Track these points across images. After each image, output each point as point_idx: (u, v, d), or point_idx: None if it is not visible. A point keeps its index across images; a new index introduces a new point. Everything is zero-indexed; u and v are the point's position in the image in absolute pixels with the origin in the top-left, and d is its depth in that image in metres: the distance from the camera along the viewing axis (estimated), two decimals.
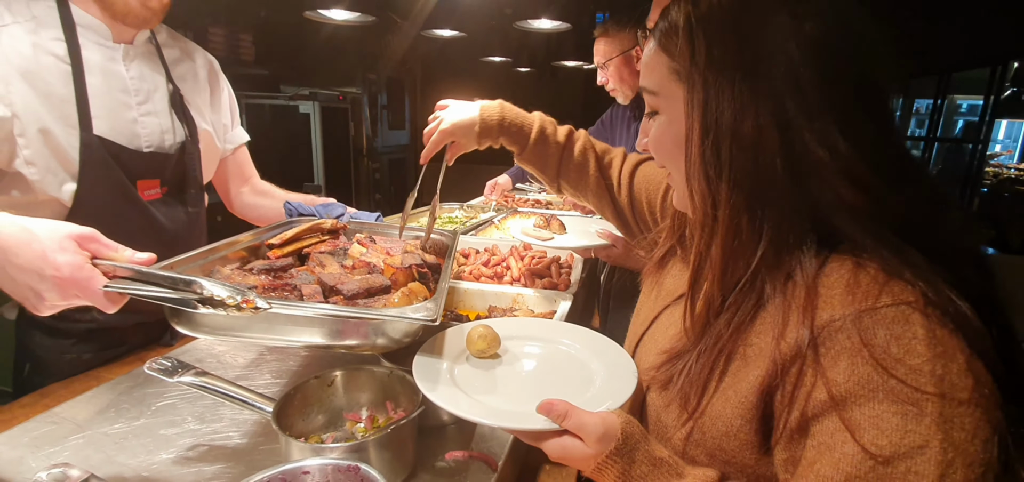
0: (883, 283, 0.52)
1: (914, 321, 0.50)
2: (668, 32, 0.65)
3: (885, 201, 0.55)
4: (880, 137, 0.57)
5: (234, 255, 1.00)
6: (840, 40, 0.57)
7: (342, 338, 0.75)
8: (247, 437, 0.89)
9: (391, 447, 0.74)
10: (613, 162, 1.13)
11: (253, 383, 1.06)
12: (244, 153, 1.55)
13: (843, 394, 0.51)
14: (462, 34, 3.09)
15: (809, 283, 0.56)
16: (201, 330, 0.77)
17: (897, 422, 0.48)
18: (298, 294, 0.83)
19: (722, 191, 0.60)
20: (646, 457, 0.61)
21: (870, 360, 0.50)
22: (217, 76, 1.43)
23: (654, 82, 0.68)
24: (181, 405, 0.97)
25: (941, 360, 0.48)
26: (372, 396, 0.89)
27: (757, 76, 0.57)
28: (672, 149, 0.68)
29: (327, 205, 1.35)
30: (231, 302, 0.62)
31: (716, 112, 0.59)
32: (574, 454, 0.63)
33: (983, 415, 0.48)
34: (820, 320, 0.54)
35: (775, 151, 0.57)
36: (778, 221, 0.58)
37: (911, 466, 0.47)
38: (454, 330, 0.90)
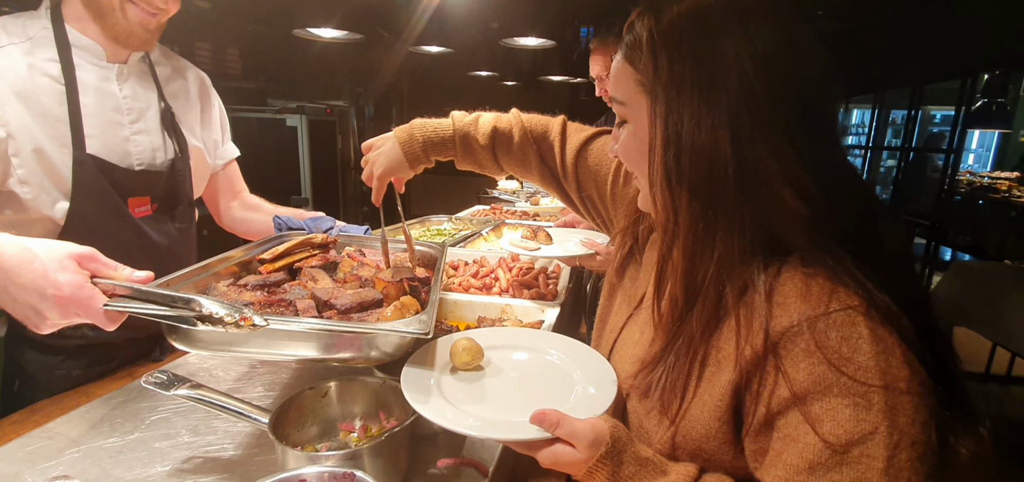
0: (831, 290, 0.57)
1: (859, 323, 0.55)
2: (633, 46, 0.69)
3: (826, 212, 0.59)
4: (824, 151, 0.62)
5: (226, 271, 1.02)
6: (788, 59, 0.61)
7: (336, 352, 0.78)
8: (241, 449, 0.90)
9: (384, 455, 0.76)
10: (553, 147, 1.09)
11: (246, 396, 1.08)
12: (234, 168, 1.57)
13: (803, 391, 0.57)
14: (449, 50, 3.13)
15: (766, 291, 0.61)
16: (198, 346, 0.79)
17: (850, 413, 0.54)
18: (293, 309, 0.85)
19: (682, 198, 0.64)
20: (633, 458, 0.65)
21: (824, 360, 0.55)
22: (208, 92, 1.45)
23: (622, 93, 0.73)
24: (174, 418, 0.99)
25: (883, 356, 0.54)
26: (365, 406, 0.91)
27: (713, 90, 0.61)
28: (638, 157, 0.72)
29: (316, 219, 1.38)
30: (230, 320, 0.64)
31: (676, 123, 0.63)
32: (566, 460, 0.66)
33: (920, 401, 0.54)
34: (779, 326, 0.59)
35: (728, 161, 0.60)
36: (730, 229, 0.62)
37: (863, 450, 0.53)
38: (440, 342, 0.92)
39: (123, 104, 1.21)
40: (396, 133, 1.12)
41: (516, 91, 5.75)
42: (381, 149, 1.13)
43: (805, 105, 0.61)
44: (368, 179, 1.16)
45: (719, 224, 0.63)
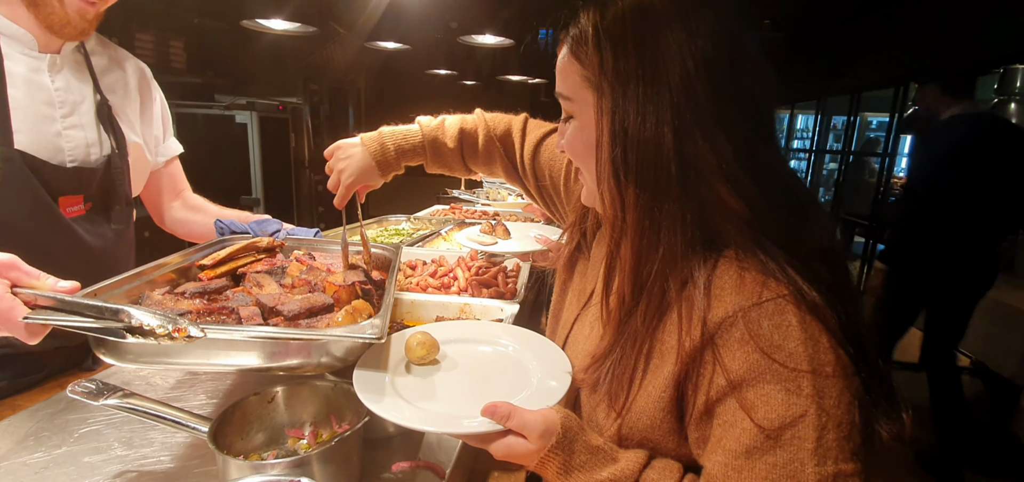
0: (762, 282, 0.60)
1: (788, 311, 0.58)
2: (578, 40, 0.69)
3: (760, 207, 0.61)
4: (761, 149, 0.64)
5: (162, 278, 0.96)
6: (728, 57, 0.63)
7: (283, 360, 0.74)
8: (180, 460, 0.85)
9: (335, 461, 0.73)
10: (514, 144, 1.13)
11: (186, 404, 1.02)
12: (176, 166, 1.49)
13: (738, 379, 0.59)
14: (406, 47, 3.08)
15: (704, 285, 0.63)
16: (129, 359, 0.73)
17: (781, 398, 0.57)
18: (236, 317, 0.81)
19: (629, 194, 0.65)
20: (584, 447, 0.66)
21: (757, 348, 0.58)
22: (149, 85, 1.37)
23: (568, 88, 0.72)
24: (106, 431, 0.92)
25: (811, 342, 0.57)
26: (315, 411, 0.88)
27: (656, 85, 0.62)
28: (584, 152, 0.73)
29: (262, 222, 1.32)
30: (161, 331, 0.60)
31: (622, 119, 0.64)
32: (518, 451, 0.66)
33: (845, 384, 0.57)
34: (716, 317, 0.61)
35: (671, 156, 0.62)
36: (673, 224, 0.64)
37: (795, 433, 0.56)
38: (395, 338, 0.91)
39: (55, 97, 1.12)
40: (364, 141, 1.14)
41: (475, 91, 5.73)
42: (350, 157, 1.14)
43: (744, 103, 0.63)
44: (334, 186, 1.15)
45: (664, 220, 0.64)
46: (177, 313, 0.77)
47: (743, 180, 0.61)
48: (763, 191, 0.62)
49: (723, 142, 0.61)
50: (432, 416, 0.73)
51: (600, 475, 0.65)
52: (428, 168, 1.17)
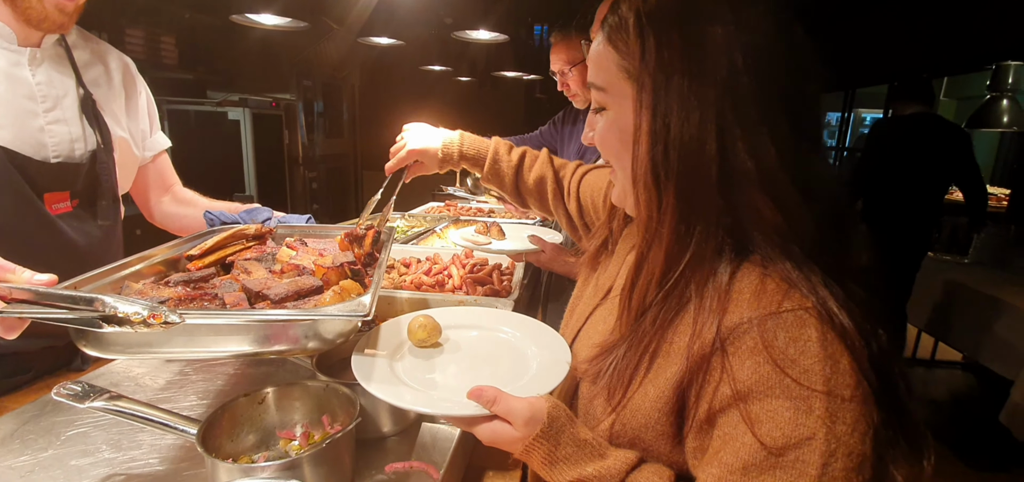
0: (785, 291, 0.56)
1: (809, 325, 0.54)
2: (617, 27, 0.65)
3: (797, 217, 0.57)
4: (805, 153, 0.59)
5: (149, 270, 0.94)
6: (778, 52, 0.58)
7: (271, 344, 0.72)
8: (169, 463, 0.84)
9: (326, 462, 0.72)
10: (564, 173, 1.22)
11: (176, 405, 1.00)
12: (165, 160, 1.47)
13: (745, 390, 0.55)
14: (400, 42, 3.05)
15: (723, 288, 0.59)
16: (112, 351, 0.72)
17: (789, 416, 0.52)
18: (220, 303, 0.79)
19: (668, 196, 0.61)
20: (571, 439, 0.65)
21: (769, 360, 0.54)
22: (133, 79, 1.35)
23: (602, 78, 0.68)
24: (94, 433, 0.91)
25: (830, 361, 0.53)
26: (307, 412, 0.86)
27: (702, 80, 0.58)
28: (618, 147, 0.69)
29: (251, 211, 1.30)
30: (136, 318, 0.58)
31: (664, 114, 0.60)
32: (503, 437, 0.66)
33: (862, 412, 0.53)
34: (729, 322, 0.57)
35: (712, 158, 0.58)
36: (705, 228, 0.60)
37: (799, 455, 0.52)
38: (399, 320, 0.93)
39: (37, 91, 1.10)
40: (444, 132, 1.26)
41: (471, 87, 5.70)
42: (422, 132, 1.25)
43: (791, 103, 0.59)
44: (395, 151, 1.27)
45: (698, 225, 0.60)
46: (157, 301, 0.75)
47: (783, 187, 0.57)
48: (803, 200, 0.58)
49: (766, 144, 0.57)
50: (421, 397, 0.73)
51: (586, 470, 0.63)
52: (483, 179, 1.26)
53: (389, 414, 0.90)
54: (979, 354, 2.99)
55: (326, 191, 5.83)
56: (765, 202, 0.57)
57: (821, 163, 0.62)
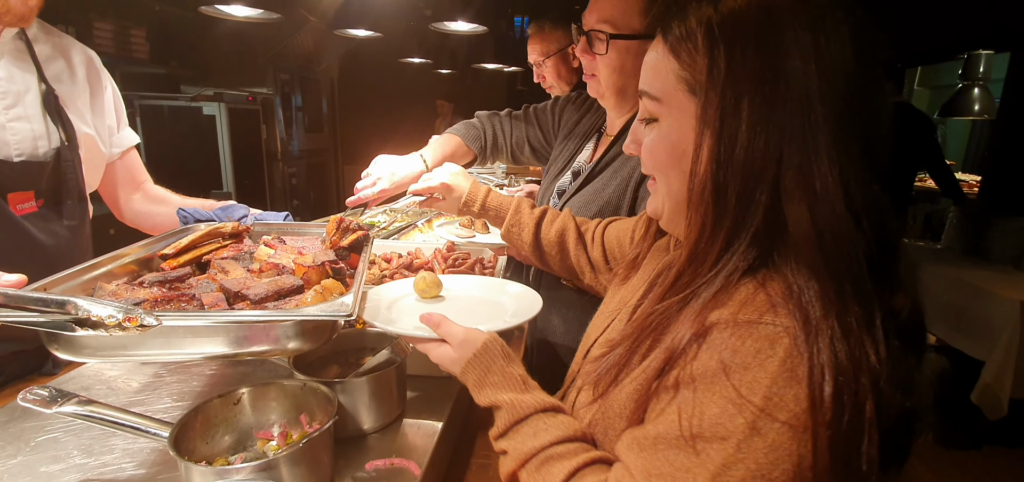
0: (772, 307, 0.53)
1: (780, 345, 0.51)
2: (682, 37, 0.61)
3: (843, 243, 0.53)
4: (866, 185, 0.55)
5: (122, 270, 0.91)
6: (855, 80, 0.55)
7: (251, 345, 0.71)
8: (143, 467, 0.82)
9: (304, 462, 0.71)
10: (587, 227, 1.21)
11: (150, 408, 0.98)
12: (134, 156, 1.43)
13: (690, 377, 0.55)
14: (378, 34, 3.01)
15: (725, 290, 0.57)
16: (85, 354, 0.70)
17: (715, 412, 0.52)
18: (198, 304, 0.77)
19: (725, 218, 0.58)
20: (500, 370, 0.73)
21: (721, 360, 0.53)
22: (98, 73, 1.30)
23: (657, 88, 0.64)
24: (65, 438, 0.88)
25: (782, 381, 0.50)
26: (284, 412, 0.85)
27: (775, 101, 0.55)
28: (667, 161, 0.65)
29: (227, 208, 1.27)
30: (111, 322, 0.56)
31: (731, 135, 0.56)
32: (445, 356, 0.77)
33: (788, 441, 0.49)
34: (713, 318, 0.56)
35: (768, 181, 0.55)
36: (746, 247, 0.57)
37: (706, 449, 0.51)
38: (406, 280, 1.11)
39: None
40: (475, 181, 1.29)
41: (452, 79, 5.66)
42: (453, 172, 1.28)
43: (862, 135, 0.55)
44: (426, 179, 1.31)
45: (740, 244, 0.58)
46: (132, 302, 0.73)
47: (837, 210, 0.53)
48: (855, 226, 0.54)
49: (826, 170, 0.53)
50: (396, 325, 0.89)
51: (503, 396, 0.71)
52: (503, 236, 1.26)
53: (369, 411, 0.89)
54: (952, 337, 3.07)
55: (306, 187, 5.74)
56: (807, 220, 0.54)
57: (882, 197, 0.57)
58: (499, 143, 1.77)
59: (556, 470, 0.62)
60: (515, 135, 1.77)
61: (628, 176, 1.30)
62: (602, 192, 1.34)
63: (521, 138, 1.76)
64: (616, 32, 1.21)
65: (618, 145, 1.37)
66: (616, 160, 1.36)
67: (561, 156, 1.60)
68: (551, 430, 0.66)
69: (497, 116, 1.80)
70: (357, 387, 0.87)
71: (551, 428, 0.66)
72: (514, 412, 0.69)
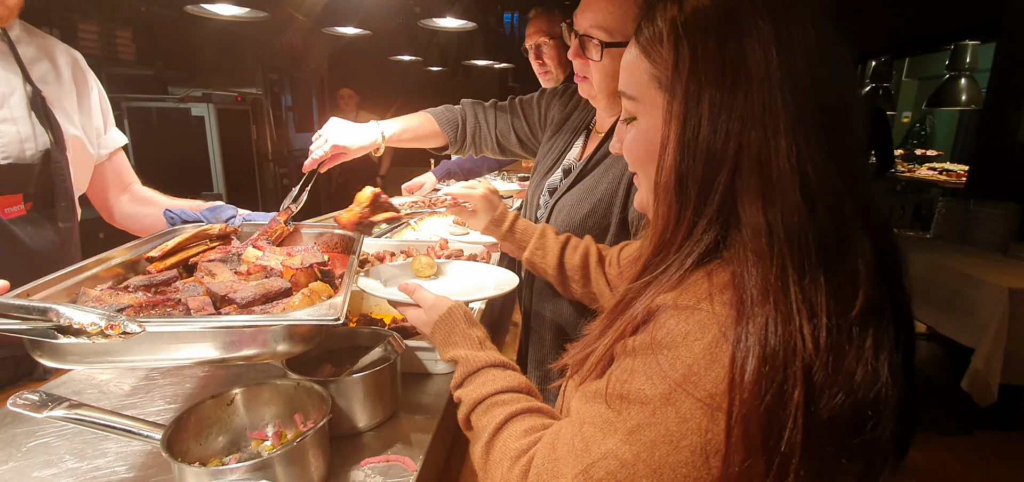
0: (713, 295, 0.55)
1: (709, 331, 0.53)
2: (652, 38, 0.63)
3: (792, 231, 0.54)
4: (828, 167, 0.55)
5: (107, 274, 0.90)
6: (817, 71, 0.56)
7: (239, 350, 0.71)
8: (137, 470, 0.81)
9: (299, 461, 0.71)
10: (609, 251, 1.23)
11: (143, 411, 0.97)
12: (121, 158, 1.41)
13: (632, 348, 0.58)
14: (367, 32, 2.99)
15: (679, 275, 0.59)
16: (70, 361, 0.69)
17: (640, 381, 0.55)
18: (184, 309, 0.77)
19: (689, 205, 0.59)
20: (462, 332, 0.84)
21: (654, 337, 0.56)
22: (84, 74, 1.29)
23: (633, 87, 0.67)
24: (57, 443, 0.87)
25: (703, 363, 0.52)
26: (278, 411, 0.84)
27: (735, 92, 0.56)
28: (645, 157, 0.67)
29: (215, 208, 1.26)
30: (93, 329, 0.55)
31: (694, 126, 0.58)
32: (418, 318, 0.90)
33: (703, 418, 0.52)
34: (657, 301, 0.58)
35: (727, 170, 0.56)
36: (704, 233, 0.59)
37: (627, 408, 0.55)
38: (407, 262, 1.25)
39: None
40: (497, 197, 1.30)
41: (442, 77, 5.64)
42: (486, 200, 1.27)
43: (826, 124, 0.56)
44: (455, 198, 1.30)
45: (701, 231, 0.59)
46: (116, 308, 0.72)
47: (788, 194, 0.54)
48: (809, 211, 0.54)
49: (786, 156, 0.54)
50: (383, 289, 1.03)
51: (459, 351, 0.81)
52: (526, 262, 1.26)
53: (364, 409, 0.89)
54: (942, 325, 3.11)
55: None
56: (758, 209, 0.55)
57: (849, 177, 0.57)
58: (481, 131, 1.75)
59: (498, 412, 0.71)
60: (499, 125, 1.74)
61: (620, 173, 1.30)
62: (595, 189, 1.34)
63: (507, 128, 1.74)
64: (611, 40, 1.21)
65: (609, 142, 1.37)
66: (607, 158, 1.36)
67: (550, 153, 1.60)
68: (498, 380, 0.76)
69: (481, 105, 1.78)
70: (351, 385, 0.86)
71: (499, 379, 0.76)
72: (468, 365, 0.79)
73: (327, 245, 1.21)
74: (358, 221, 1.21)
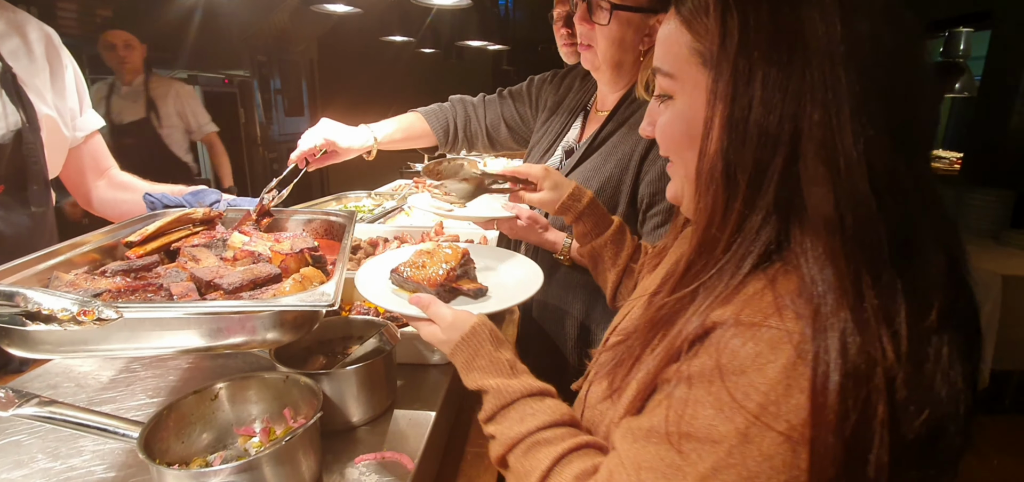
0: (778, 308, 0.49)
1: (782, 351, 0.48)
2: (696, 8, 0.57)
3: (863, 226, 0.49)
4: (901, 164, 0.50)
5: (82, 259, 0.85)
6: (884, 46, 0.51)
7: (226, 337, 0.67)
8: (114, 470, 0.76)
9: (288, 460, 0.66)
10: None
11: (122, 406, 0.92)
12: (98, 141, 1.34)
13: (686, 374, 0.52)
14: (358, 10, 2.91)
15: (733, 284, 0.53)
16: (43, 350, 0.65)
17: (709, 414, 0.49)
18: (166, 294, 0.72)
19: (738, 195, 0.53)
20: (488, 354, 0.73)
21: (718, 362, 0.50)
22: (57, 51, 1.22)
23: (671, 63, 0.61)
24: (29, 441, 0.82)
25: (781, 389, 0.47)
26: (266, 406, 0.80)
27: (792, 69, 0.50)
28: (682, 140, 0.62)
29: (198, 192, 1.20)
30: (65, 315, 0.50)
31: (745, 107, 0.52)
32: (434, 336, 0.78)
33: (785, 454, 0.46)
34: (713, 317, 0.52)
35: (782, 159, 0.51)
36: (754, 233, 0.53)
37: (696, 449, 0.49)
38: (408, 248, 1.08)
39: None
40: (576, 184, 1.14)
41: (435, 59, 5.53)
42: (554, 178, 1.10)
43: (895, 103, 0.50)
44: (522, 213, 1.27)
45: (752, 226, 0.54)
46: (92, 293, 0.67)
47: (861, 189, 0.49)
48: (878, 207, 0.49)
49: (850, 144, 0.49)
50: (386, 297, 0.88)
51: (489, 381, 0.70)
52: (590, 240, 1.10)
53: (358, 403, 0.85)
54: None
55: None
56: (830, 202, 0.49)
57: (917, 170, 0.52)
58: (472, 126, 1.71)
59: (543, 455, 0.62)
60: (490, 116, 1.71)
61: (629, 153, 1.26)
62: (602, 168, 1.30)
63: (496, 118, 1.70)
64: (620, 2, 1.15)
65: (613, 121, 1.32)
66: (614, 136, 1.31)
67: (546, 135, 1.55)
68: (538, 415, 0.65)
69: (470, 100, 1.74)
70: (344, 378, 0.82)
71: (538, 413, 0.66)
72: (501, 397, 0.69)
73: (317, 231, 1.16)
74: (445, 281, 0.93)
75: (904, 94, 0.52)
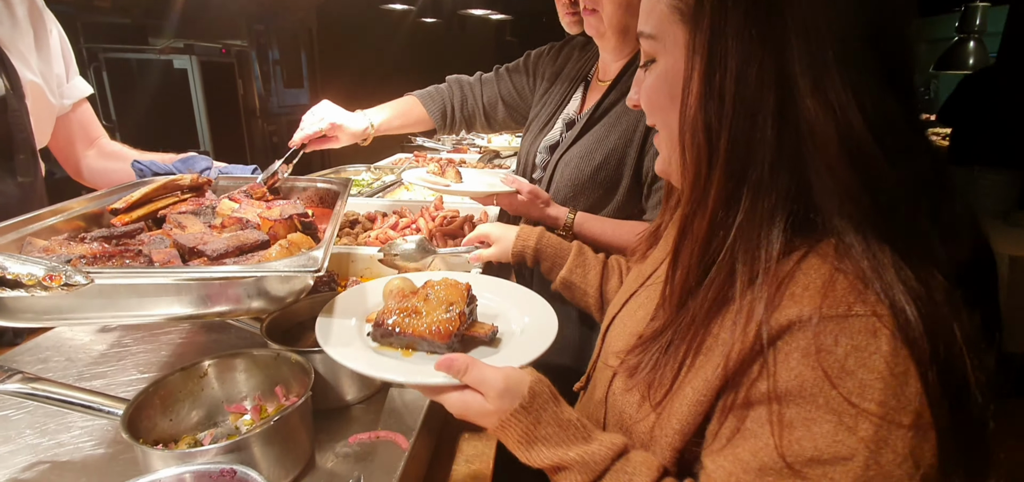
0: (859, 291, 0.47)
1: (881, 336, 0.45)
2: None
3: (880, 181, 0.48)
4: (894, 108, 0.49)
5: (65, 226, 0.82)
6: None
7: (209, 306, 0.64)
8: (103, 445, 0.75)
9: (278, 440, 0.64)
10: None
11: (112, 381, 0.90)
12: (87, 109, 1.31)
13: (783, 391, 0.48)
14: None
15: (781, 273, 0.50)
16: (26, 319, 0.64)
17: (829, 430, 0.46)
18: (146, 260, 0.69)
19: (720, 151, 0.51)
20: (553, 418, 0.59)
21: (820, 367, 0.46)
22: (41, 14, 1.17)
23: (652, 24, 0.59)
24: (16, 416, 0.81)
25: (895, 380, 0.45)
26: (256, 383, 0.78)
27: (770, 14, 0.49)
28: (666, 102, 0.59)
29: (187, 159, 1.17)
30: (30, 280, 0.48)
31: (722, 57, 0.51)
32: (474, 409, 0.61)
33: (918, 445, 0.45)
34: (783, 318, 0.49)
35: (770, 110, 0.49)
36: (756, 194, 0.51)
37: (828, 472, 0.45)
38: (372, 284, 0.87)
39: None
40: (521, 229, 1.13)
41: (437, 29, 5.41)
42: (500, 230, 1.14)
43: (879, 45, 0.49)
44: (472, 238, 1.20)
45: (748, 189, 0.51)
46: (65, 259, 0.64)
47: (865, 145, 0.47)
48: (889, 157, 0.47)
49: (845, 96, 0.47)
50: (387, 365, 0.68)
51: (568, 453, 0.57)
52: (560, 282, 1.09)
53: (351, 380, 0.83)
54: None
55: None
56: (839, 161, 0.47)
57: (913, 121, 0.51)
58: (469, 106, 1.67)
59: None
60: (487, 94, 1.66)
61: (634, 123, 1.22)
62: (605, 139, 1.25)
63: (494, 96, 1.66)
64: None
65: (616, 90, 1.28)
66: (617, 106, 1.27)
67: (545, 107, 1.50)
68: (640, 473, 0.57)
69: (466, 79, 1.70)
70: None
71: (640, 471, 0.57)
72: (589, 470, 0.57)
73: (311, 199, 1.12)
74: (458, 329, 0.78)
75: (892, 36, 0.50)
